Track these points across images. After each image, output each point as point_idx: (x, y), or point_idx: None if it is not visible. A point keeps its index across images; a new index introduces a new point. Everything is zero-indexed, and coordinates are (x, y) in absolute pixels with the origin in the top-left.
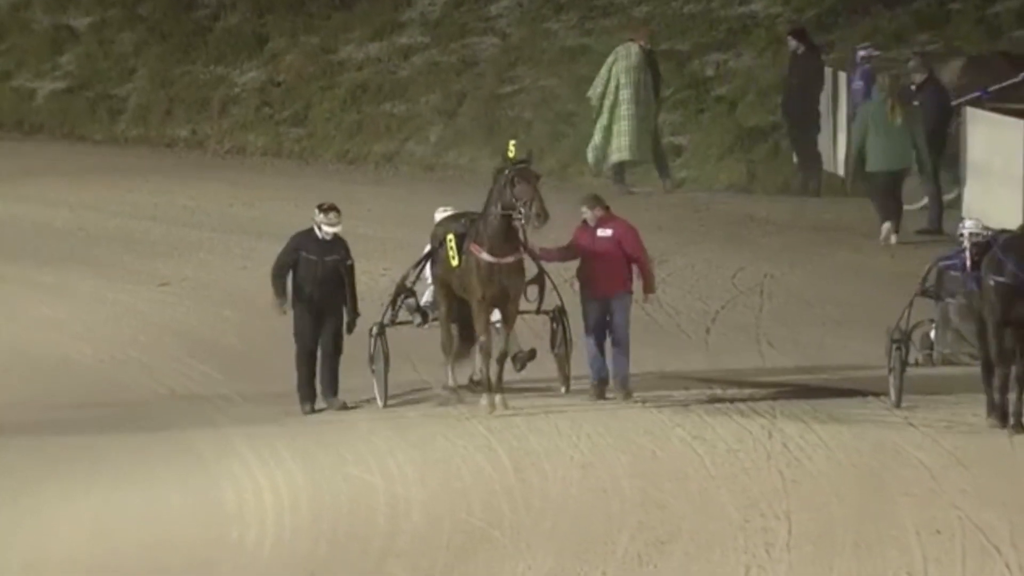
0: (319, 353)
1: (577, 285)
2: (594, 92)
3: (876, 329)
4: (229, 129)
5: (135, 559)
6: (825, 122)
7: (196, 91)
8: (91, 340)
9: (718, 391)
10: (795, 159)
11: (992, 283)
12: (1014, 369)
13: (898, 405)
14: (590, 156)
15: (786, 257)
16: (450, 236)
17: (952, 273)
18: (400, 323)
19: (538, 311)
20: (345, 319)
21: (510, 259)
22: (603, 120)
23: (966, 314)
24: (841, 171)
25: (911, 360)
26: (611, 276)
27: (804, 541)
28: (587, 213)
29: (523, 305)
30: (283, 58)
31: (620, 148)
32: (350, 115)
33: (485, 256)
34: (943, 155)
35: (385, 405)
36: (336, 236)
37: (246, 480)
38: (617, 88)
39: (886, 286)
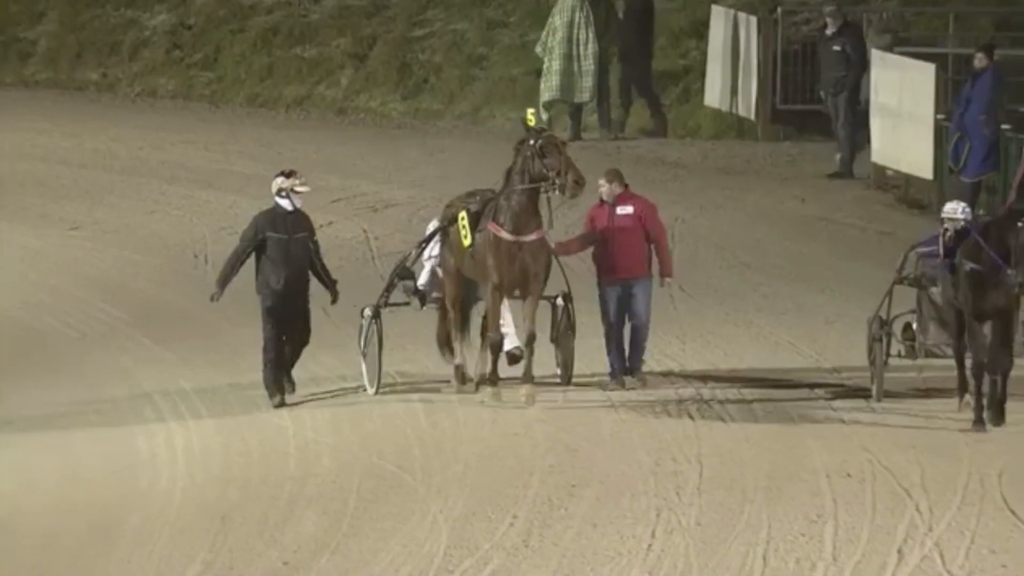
0: (285, 337)
1: (593, 268)
2: (539, 45)
3: (785, 272)
4: (139, 72)
5: (45, 503)
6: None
7: (106, 34)
8: (1, 285)
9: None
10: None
11: (968, 270)
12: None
13: (879, 400)
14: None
15: (696, 201)
16: (463, 214)
17: (931, 260)
18: (396, 305)
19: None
20: (332, 299)
21: (533, 236)
22: (544, 64)
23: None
24: (752, 114)
25: (894, 352)
26: (631, 257)
27: (715, 485)
28: (604, 188)
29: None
30: (193, 1)
31: (549, 88)
32: (261, 59)
33: (505, 234)
34: (858, 100)
35: (377, 392)
36: (300, 212)
37: (157, 425)
38: (554, 32)
39: (796, 230)
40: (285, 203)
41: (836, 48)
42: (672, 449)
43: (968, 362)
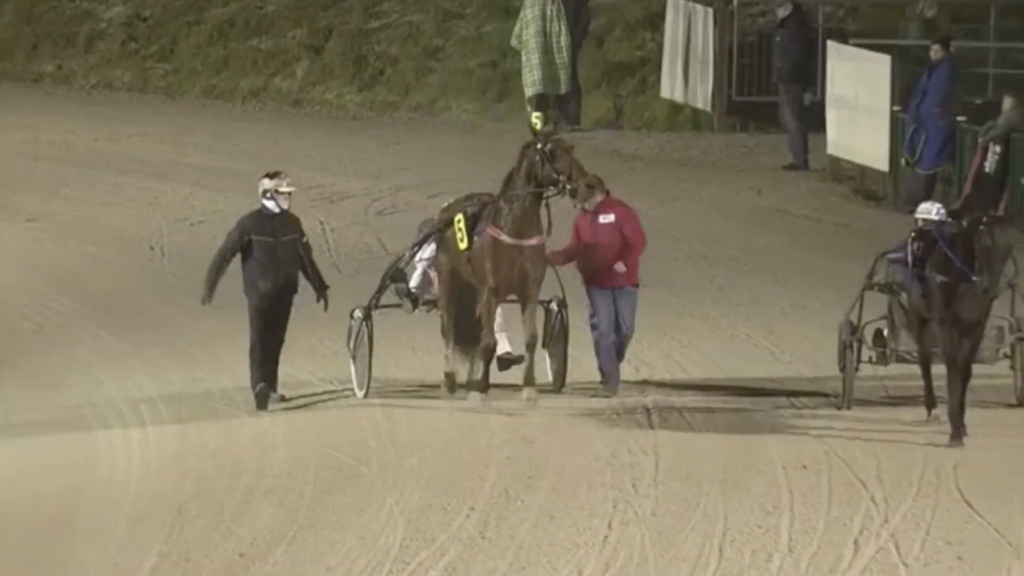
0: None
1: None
2: (514, 38)
3: (741, 264)
4: (95, 64)
5: (1, 495)
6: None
7: (62, 26)
8: None
9: (585, 323)
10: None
11: (938, 283)
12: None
13: (849, 407)
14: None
15: (653, 192)
16: (459, 216)
17: (901, 266)
18: (387, 307)
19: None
20: (317, 300)
21: (533, 241)
22: (522, 58)
23: None
24: (708, 106)
25: (864, 359)
26: (610, 263)
27: (671, 477)
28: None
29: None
30: None
31: (531, 83)
32: (216, 50)
33: (505, 238)
34: (808, 89)
35: (366, 395)
36: (288, 213)
37: (113, 417)
38: (527, 25)
39: (752, 221)
40: (271, 205)
41: (777, 38)
42: (628, 441)
43: (934, 370)
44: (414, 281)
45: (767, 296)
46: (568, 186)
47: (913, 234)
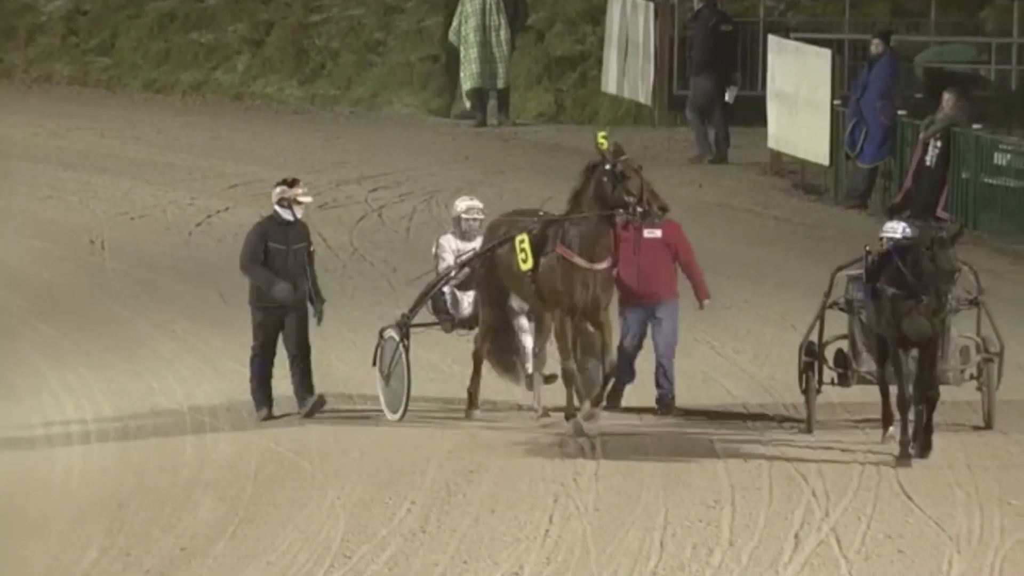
0: (287, 355)
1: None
2: (452, 33)
3: None
4: (35, 58)
5: None
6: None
7: (2, 19)
8: None
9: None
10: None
11: (890, 296)
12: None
13: (810, 431)
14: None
15: None
16: (523, 237)
17: (860, 284)
18: (424, 325)
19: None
20: (312, 312)
21: (604, 264)
22: (461, 52)
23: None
24: (649, 100)
25: (826, 380)
26: (658, 282)
27: (612, 471)
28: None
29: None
30: None
31: (470, 76)
32: (157, 44)
33: (579, 260)
34: (730, 80)
35: (402, 418)
36: (299, 221)
37: (54, 411)
38: (467, 19)
39: (693, 215)
40: (286, 213)
41: (690, 32)
42: (571, 434)
43: (893, 391)
44: (448, 300)
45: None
46: (639, 208)
47: (868, 248)
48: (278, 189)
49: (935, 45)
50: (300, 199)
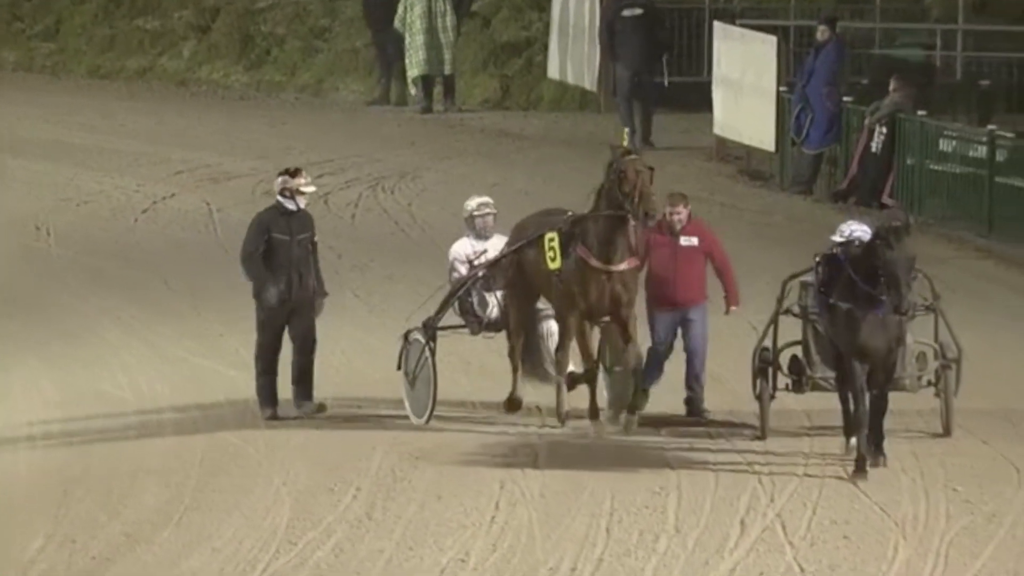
0: (292, 350)
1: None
2: (398, 20)
3: None
4: None
5: None
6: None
7: None
8: None
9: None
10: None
11: (844, 311)
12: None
13: (764, 437)
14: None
15: (539, 172)
16: (552, 235)
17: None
18: (451, 327)
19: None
20: (316, 304)
21: (623, 266)
22: (406, 40)
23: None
24: (594, 86)
25: (781, 386)
26: (692, 287)
27: (559, 457)
28: (679, 216)
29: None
30: None
31: (417, 63)
32: (102, 30)
33: (594, 262)
34: (659, 66)
35: (427, 422)
36: (303, 211)
37: (0, 398)
38: (412, 7)
39: None
40: (289, 203)
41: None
42: (516, 421)
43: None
44: (475, 300)
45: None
46: (630, 209)
47: (818, 258)
48: (280, 179)
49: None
50: (303, 189)
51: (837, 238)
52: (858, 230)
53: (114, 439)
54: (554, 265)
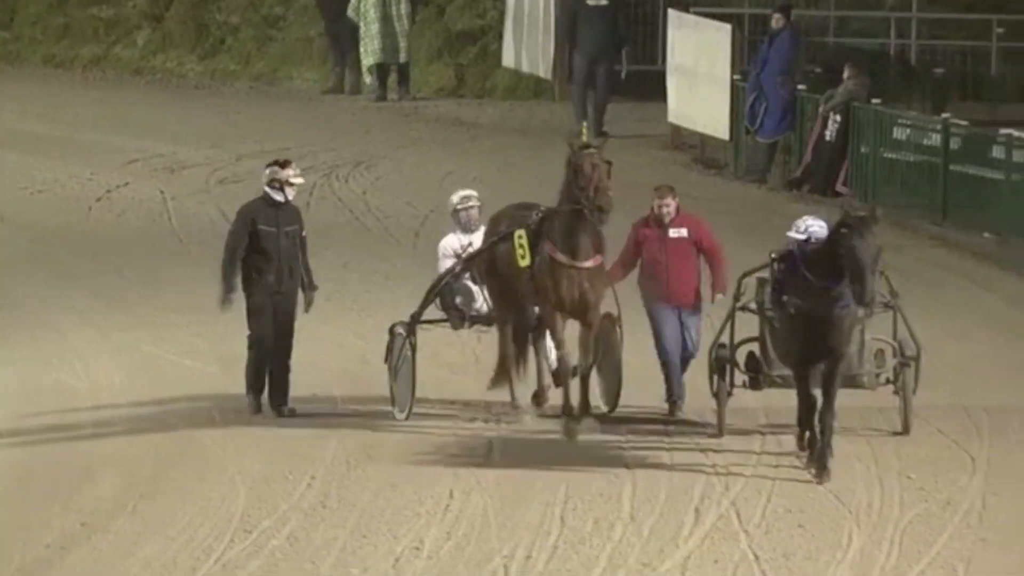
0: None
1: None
2: (351, 9)
3: None
4: None
5: None
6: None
7: None
8: None
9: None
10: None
11: (794, 309)
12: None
13: (721, 435)
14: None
15: (494, 160)
16: (520, 232)
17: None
18: (433, 322)
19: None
20: (303, 299)
21: (589, 262)
22: (360, 28)
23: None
24: (549, 74)
25: (738, 383)
26: (684, 284)
27: (513, 445)
28: (667, 208)
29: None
30: None
31: (372, 52)
32: (56, 18)
33: (560, 257)
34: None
35: (408, 417)
36: (290, 203)
37: None
38: None
39: None
40: (277, 195)
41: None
42: (471, 410)
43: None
44: (459, 296)
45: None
46: (585, 204)
47: (774, 255)
48: (268, 170)
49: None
50: (292, 180)
51: (793, 233)
52: (814, 225)
53: (69, 428)
54: (524, 263)
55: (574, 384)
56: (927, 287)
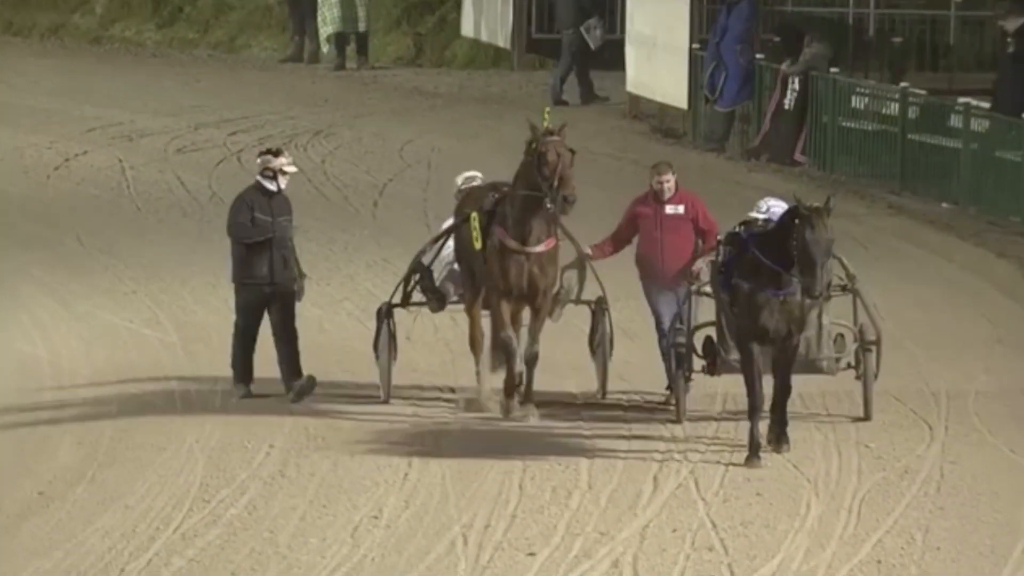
0: (272, 335)
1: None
2: None
3: None
4: None
5: None
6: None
7: None
8: None
9: (388, 265)
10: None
11: (745, 291)
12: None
13: (680, 421)
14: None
15: (452, 130)
16: (475, 215)
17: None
18: (412, 304)
19: (577, 301)
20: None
21: (540, 248)
22: None
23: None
24: (507, 43)
25: (695, 368)
26: (677, 255)
27: (473, 422)
28: (667, 184)
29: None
30: None
31: (331, 20)
32: None
33: (510, 243)
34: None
35: (387, 400)
36: (282, 193)
37: None
38: None
39: None
40: (270, 184)
41: None
42: (429, 377)
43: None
44: (440, 277)
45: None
46: (548, 194)
47: (720, 238)
48: (261, 159)
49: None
50: (285, 168)
51: (755, 213)
52: (776, 207)
53: (27, 396)
54: (478, 245)
55: (519, 367)
56: (885, 256)
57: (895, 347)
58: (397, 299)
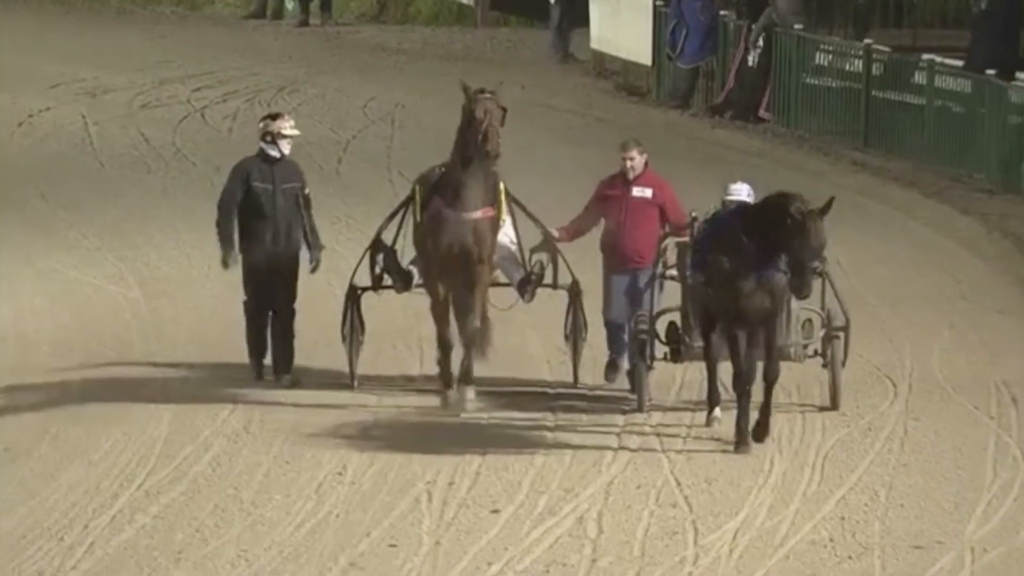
0: (272, 315)
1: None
2: None
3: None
4: None
5: None
6: None
7: None
8: None
9: (352, 222)
10: None
11: (724, 269)
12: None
13: (642, 409)
14: None
15: (417, 87)
16: (418, 187)
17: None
18: (382, 287)
19: (555, 286)
20: (309, 261)
21: (477, 214)
22: None
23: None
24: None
25: (659, 355)
26: (644, 245)
27: (435, 382)
28: (631, 162)
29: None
30: None
31: None
32: None
33: (446, 210)
34: None
35: (355, 387)
36: (288, 160)
37: None
38: None
39: (516, 116)
40: (271, 150)
41: None
42: (392, 337)
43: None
44: (409, 258)
45: (531, 190)
46: (473, 150)
47: (695, 214)
48: (261, 123)
49: None
50: (285, 132)
51: (732, 195)
52: (743, 191)
53: None
54: (418, 219)
55: (456, 357)
56: (849, 212)
57: (860, 303)
58: (363, 280)
